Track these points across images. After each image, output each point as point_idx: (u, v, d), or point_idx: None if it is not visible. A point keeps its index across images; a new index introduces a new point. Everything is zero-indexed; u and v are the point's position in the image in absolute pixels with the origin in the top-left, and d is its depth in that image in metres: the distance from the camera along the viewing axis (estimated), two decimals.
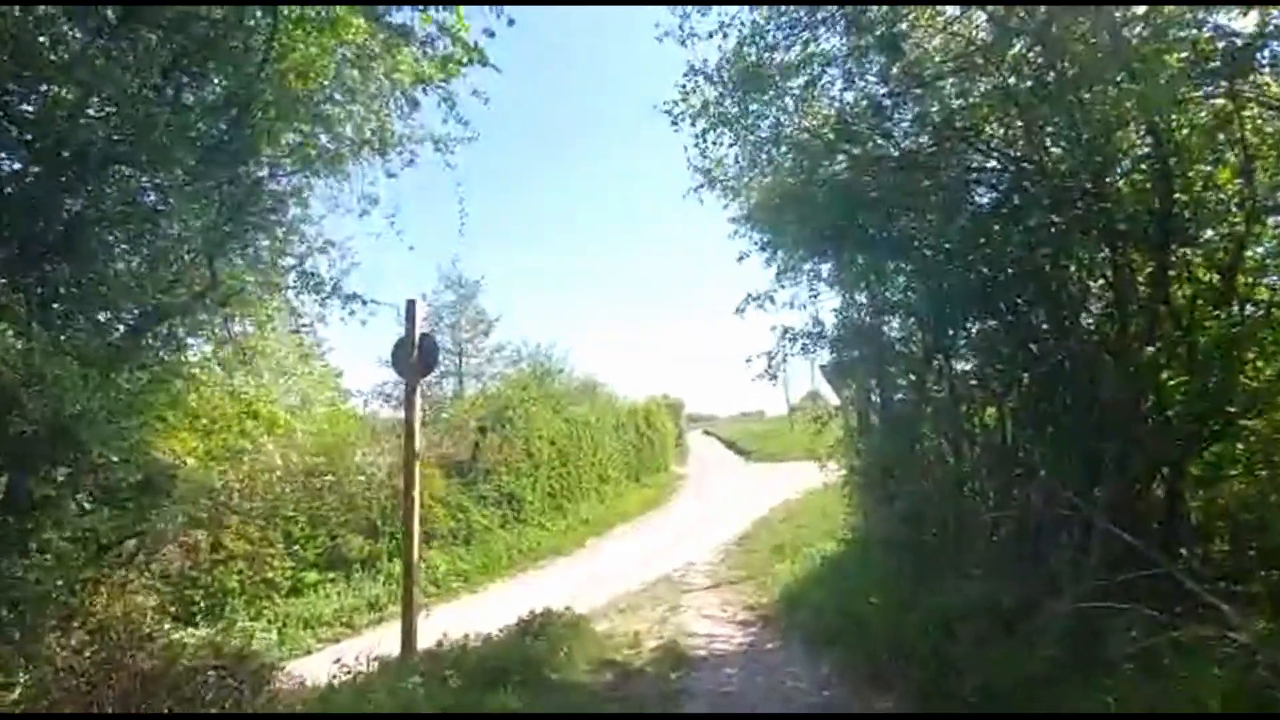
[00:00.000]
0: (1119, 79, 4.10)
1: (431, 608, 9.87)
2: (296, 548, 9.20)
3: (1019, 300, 5.31)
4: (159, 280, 4.11)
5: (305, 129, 4.59)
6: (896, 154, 5.37)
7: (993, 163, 5.18)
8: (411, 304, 4.95)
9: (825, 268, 6.70)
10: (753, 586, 8.87)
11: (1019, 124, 4.93)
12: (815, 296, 6.83)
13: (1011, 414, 5.47)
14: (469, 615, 9.14)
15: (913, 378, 6.46)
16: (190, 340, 5.23)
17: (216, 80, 4.46)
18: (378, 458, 10.81)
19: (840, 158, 5.55)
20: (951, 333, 5.81)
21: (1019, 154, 5.04)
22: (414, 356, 4.88)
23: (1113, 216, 4.43)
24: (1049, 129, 4.84)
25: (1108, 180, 4.55)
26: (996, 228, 5.18)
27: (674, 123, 5.80)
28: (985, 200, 5.42)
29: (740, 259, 7.05)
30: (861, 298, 6.62)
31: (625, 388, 25.29)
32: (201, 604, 8.06)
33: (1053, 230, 4.74)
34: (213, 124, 4.22)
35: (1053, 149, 4.91)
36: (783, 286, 6.81)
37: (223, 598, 8.27)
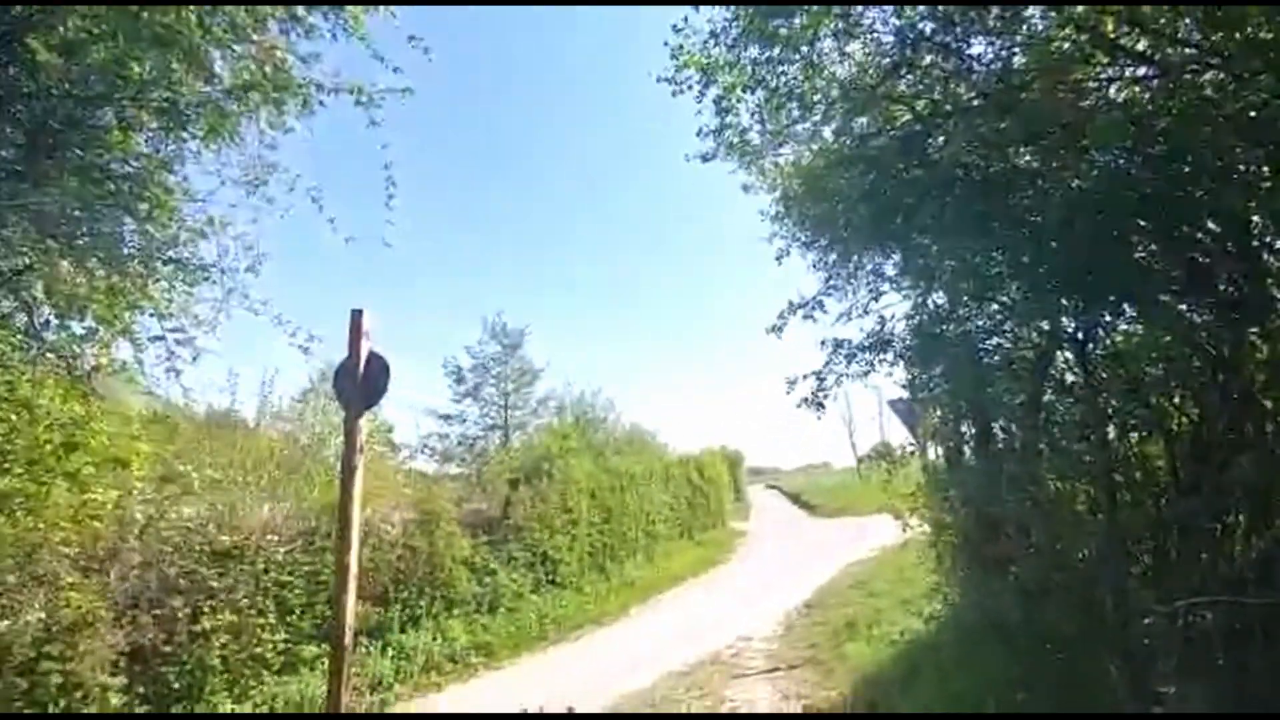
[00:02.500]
0: None
1: (444, 687, 8.66)
2: (292, 617, 8.16)
3: (1194, 279, 3.74)
4: None
5: (165, 68, 3.74)
6: (975, 95, 4.07)
7: (1144, 69, 3.67)
8: (357, 315, 3.94)
9: (889, 263, 5.38)
10: (818, 672, 7.21)
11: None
12: (877, 297, 5.48)
13: (1193, 446, 3.84)
14: (484, 701, 7.84)
15: (1023, 399, 4.92)
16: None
17: None
18: (391, 513, 9.82)
19: (900, 108, 4.32)
20: (1086, 332, 4.31)
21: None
22: (358, 380, 3.85)
23: None
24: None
25: None
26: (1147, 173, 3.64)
27: (675, 91, 4.75)
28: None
29: (779, 259, 5.82)
30: (940, 296, 5.17)
31: (682, 440, 23.93)
32: (176, 684, 7.07)
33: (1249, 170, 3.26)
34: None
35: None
36: (833, 290, 5.49)
37: (202, 677, 7.26)
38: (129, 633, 6.91)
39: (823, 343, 5.39)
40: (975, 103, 4.12)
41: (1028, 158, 4.21)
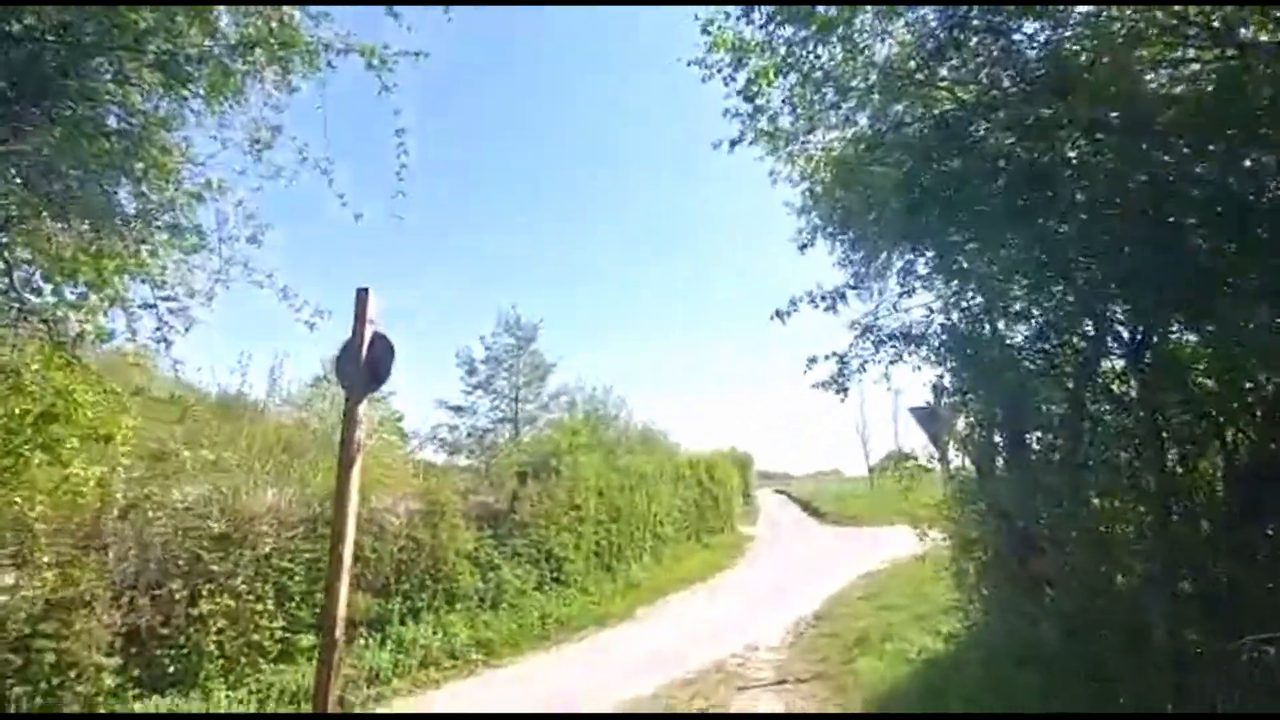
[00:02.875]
0: None
1: (443, 684, 8.48)
2: (290, 605, 8.01)
3: (1263, 284, 3.37)
4: None
5: (166, 18, 3.52)
6: (1024, 81, 3.77)
7: (1216, 50, 3.35)
8: (362, 294, 3.74)
9: (921, 260, 5.06)
10: (828, 688, 6.92)
11: None
12: (910, 293, 5.15)
13: (1254, 465, 3.52)
14: (482, 700, 7.64)
15: (1065, 408, 4.59)
16: None
17: None
18: (396, 504, 9.65)
19: (942, 93, 4.05)
20: (1139, 337, 3.99)
21: None
22: (360, 362, 3.65)
23: None
24: None
25: None
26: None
27: (705, 76, 4.50)
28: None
29: (802, 249, 5.52)
30: (976, 296, 4.83)
31: (691, 440, 23.65)
32: (172, 668, 6.94)
33: None
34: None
35: None
36: (860, 286, 5.19)
37: (198, 661, 7.13)
38: (126, 613, 6.80)
39: (851, 324, 5.11)
40: (1025, 88, 3.84)
41: (1080, 147, 3.92)
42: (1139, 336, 4.05)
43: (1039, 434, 4.87)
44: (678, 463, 19.48)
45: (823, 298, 5.22)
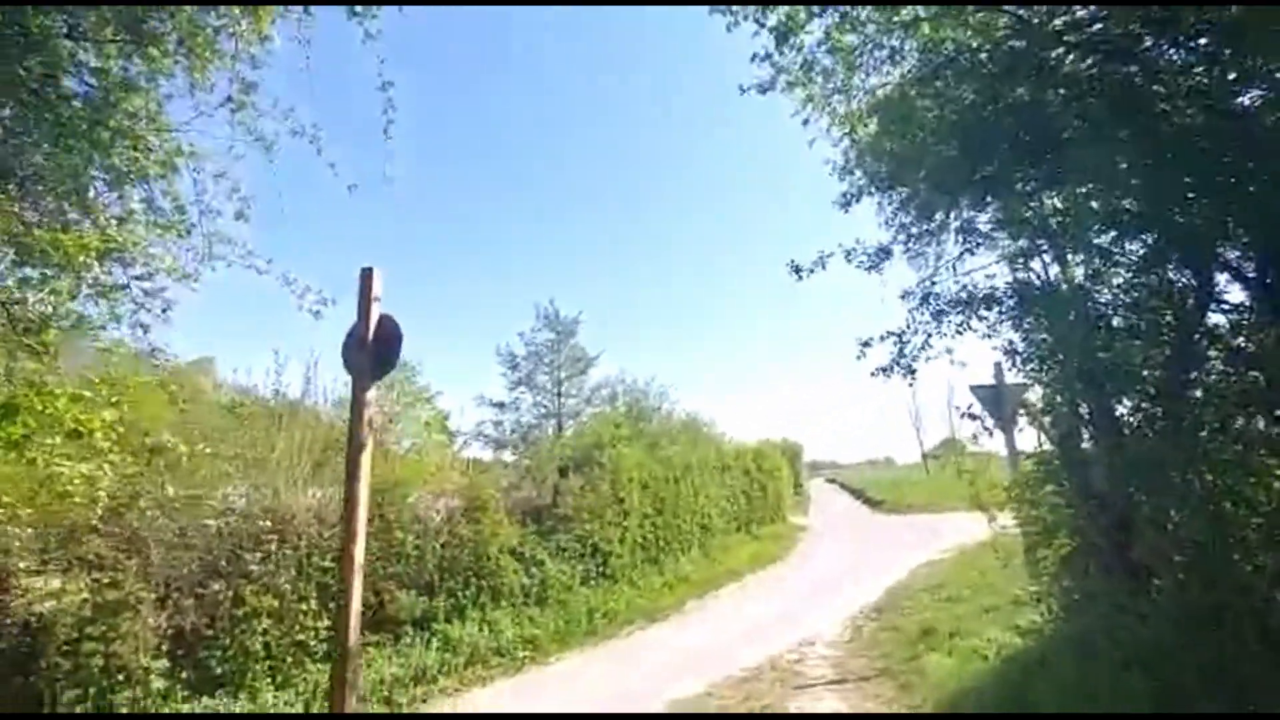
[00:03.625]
0: None
1: (490, 681, 8.31)
2: (334, 604, 7.94)
3: None
4: None
5: None
6: None
7: None
8: (367, 274, 3.47)
9: (984, 214, 4.46)
10: (893, 686, 6.43)
11: None
12: (973, 250, 4.54)
13: None
14: (529, 698, 7.42)
15: (1164, 372, 3.92)
16: None
17: None
18: (436, 500, 9.54)
19: (1002, 21, 3.48)
20: (1271, 279, 3.37)
21: None
22: (367, 346, 3.38)
23: None
24: None
25: None
26: None
27: (730, 24, 4.04)
28: None
29: (846, 205, 4.97)
30: (1048, 250, 4.21)
31: (739, 432, 23.14)
32: (219, 669, 6.93)
33: None
34: None
35: None
36: (912, 246, 4.62)
37: (244, 662, 7.11)
38: (171, 615, 6.82)
39: (904, 294, 4.58)
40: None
41: (1179, 63, 3.33)
42: (1267, 280, 3.42)
43: (1133, 402, 4.21)
44: (724, 453, 19.01)
45: (865, 254, 4.69)
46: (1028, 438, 5.53)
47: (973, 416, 5.42)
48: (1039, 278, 4.29)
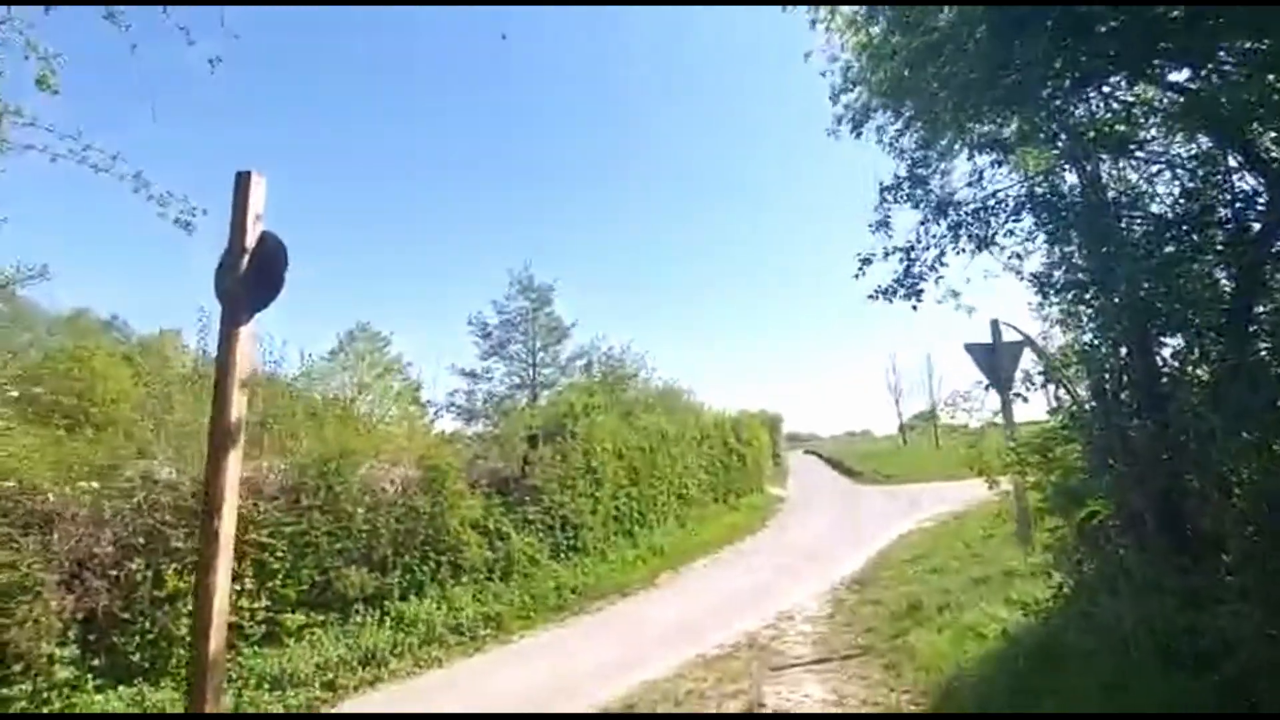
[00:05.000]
0: None
1: (445, 662, 7.71)
2: (273, 582, 7.26)
3: None
4: None
5: None
6: None
7: None
8: (243, 178, 2.72)
9: (1010, 126, 3.80)
10: (878, 667, 5.94)
11: None
12: (998, 163, 3.88)
13: None
14: (485, 678, 6.82)
15: (1224, 304, 3.24)
16: None
17: None
18: (391, 472, 8.82)
19: None
20: None
21: None
22: (242, 269, 2.64)
23: None
24: None
25: None
26: None
27: None
28: None
29: (855, 129, 4.29)
30: (1085, 159, 3.55)
31: (718, 401, 22.54)
32: (136, 655, 6.24)
33: None
34: None
35: None
36: (924, 168, 3.95)
37: (166, 647, 6.42)
38: (80, 597, 6.08)
39: (917, 205, 3.93)
40: None
41: None
42: None
43: (1187, 340, 3.55)
44: (702, 422, 18.47)
45: (890, 187, 3.97)
46: (1035, 402, 4.99)
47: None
48: (1077, 190, 3.65)
